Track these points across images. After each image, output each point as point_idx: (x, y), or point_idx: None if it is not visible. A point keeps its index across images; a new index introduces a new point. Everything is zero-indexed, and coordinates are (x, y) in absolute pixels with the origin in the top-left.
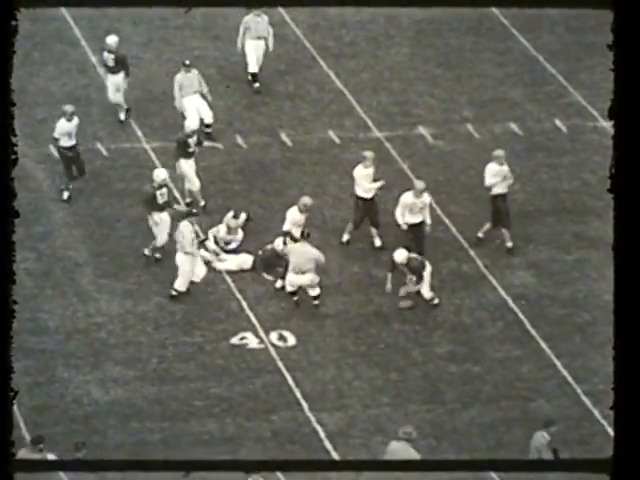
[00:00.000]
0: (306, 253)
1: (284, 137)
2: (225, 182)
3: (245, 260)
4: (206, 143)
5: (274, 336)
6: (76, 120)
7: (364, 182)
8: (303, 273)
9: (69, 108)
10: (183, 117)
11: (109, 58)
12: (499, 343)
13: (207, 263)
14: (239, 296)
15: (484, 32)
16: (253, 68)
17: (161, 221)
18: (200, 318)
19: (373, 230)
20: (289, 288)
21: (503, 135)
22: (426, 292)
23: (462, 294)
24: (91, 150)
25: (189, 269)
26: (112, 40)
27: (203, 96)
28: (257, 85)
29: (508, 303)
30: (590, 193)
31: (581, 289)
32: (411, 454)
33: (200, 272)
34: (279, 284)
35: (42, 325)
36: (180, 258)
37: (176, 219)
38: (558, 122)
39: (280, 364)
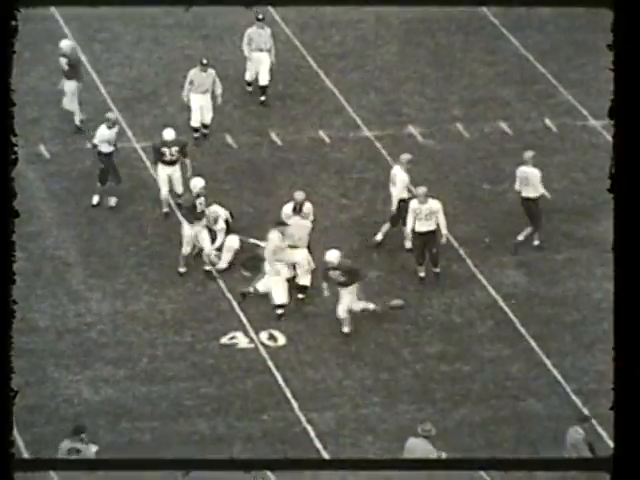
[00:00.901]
0: (301, 226)
1: (274, 136)
2: (215, 181)
3: (232, 242)
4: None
5: (264, 335)
6: (117, 128)
7: (399, 184)
8: (297, 247)
9: (112, 116)
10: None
11: (63, 63)
12: (489, 342)
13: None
14: (229, 295)
15: (474, 31)
16: (250, 77)
17: (190, 231)
18: (190, 318)
19: (386, 226)
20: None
21: (493, 134)
22: (341, 311)
23: (452, 293)
24: (81, 150)
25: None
26: (66, 44)
27: (214, 97)
28: (250, 89)
29: (498, 302)
30: (580, 192)
31: (571, 288)
32: (429, 450)
33: (278, 296)
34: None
35: (32, 325)
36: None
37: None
38: (548, 121)
39: (270, 363)
